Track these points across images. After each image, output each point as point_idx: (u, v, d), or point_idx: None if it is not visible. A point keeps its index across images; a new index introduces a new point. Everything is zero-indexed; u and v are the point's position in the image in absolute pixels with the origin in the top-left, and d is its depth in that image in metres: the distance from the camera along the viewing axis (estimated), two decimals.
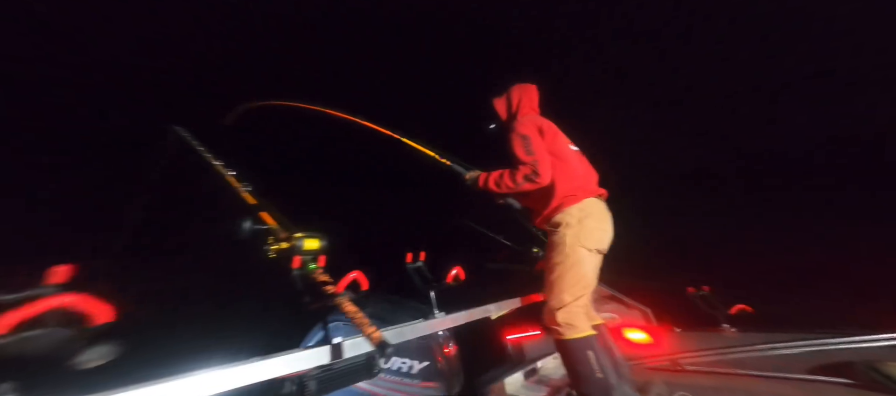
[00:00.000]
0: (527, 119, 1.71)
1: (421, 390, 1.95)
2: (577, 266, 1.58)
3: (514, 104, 1.81)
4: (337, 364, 1.08)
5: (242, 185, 1.40)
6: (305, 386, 1.00)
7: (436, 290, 1.56)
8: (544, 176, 1.55)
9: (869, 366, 1.99)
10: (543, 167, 1.55)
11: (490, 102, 1.87)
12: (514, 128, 1.65)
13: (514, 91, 1.84)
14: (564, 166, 1.65)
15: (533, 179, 1.55)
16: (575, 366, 1.56)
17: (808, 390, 1.98)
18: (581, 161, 1.79)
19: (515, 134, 1.62)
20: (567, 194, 1.61)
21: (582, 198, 1.63)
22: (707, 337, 2.48)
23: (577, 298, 1.60)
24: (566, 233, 1.59)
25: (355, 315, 1.00)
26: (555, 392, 2.10)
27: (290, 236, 1.08)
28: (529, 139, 1.59)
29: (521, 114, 1.73)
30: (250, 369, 0.93)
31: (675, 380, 2.10)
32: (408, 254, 1.59)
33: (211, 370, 0.85)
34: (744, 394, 1.92)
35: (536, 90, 1.86)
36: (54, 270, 0.64)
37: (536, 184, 1.56)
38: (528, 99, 1.83)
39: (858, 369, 2.00)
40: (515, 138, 1.61)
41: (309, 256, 1.10)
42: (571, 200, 1.61)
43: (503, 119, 1.85)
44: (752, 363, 2.24)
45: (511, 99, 1.82)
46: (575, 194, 1.62)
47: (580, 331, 1.56)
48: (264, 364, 0.97)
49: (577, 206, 1.61)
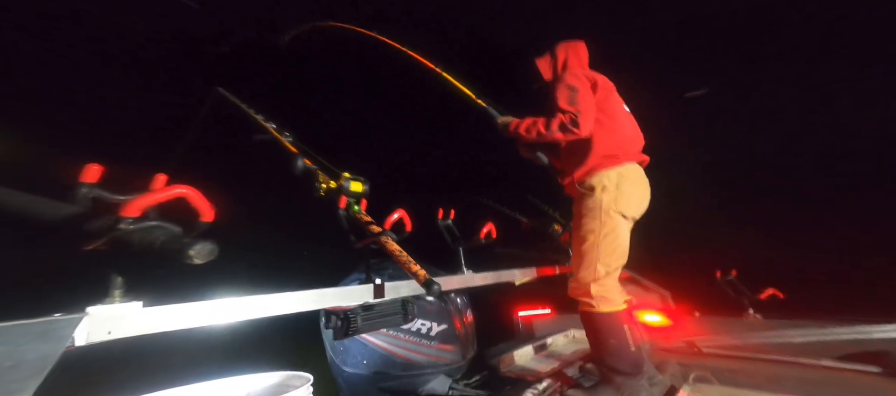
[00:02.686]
0: (581, 72, 1.61)
1: (438, 351, 2.01)
2: (613, 233, 1.50)
3: (560, 63, 1.68)
4: (378, 304, 1.12)
5: (284, 135, 1.44)
6: (349, 321, 1.05)
7: (464, 247, 1.59)
8: (584, 128, 1.44)
9: None
10: (585, 119, 1.43)
11: (532, 61, 1.76)
12: (563, 78, 1.55)
13: (560, 49, 1.70)
14: (612, 124, 1.56)
15: (570, 129, 1.44)
16: (607, 339, 1.48)
17: (835, 377, 1.87)
18: (631, 124, 1.67)
19: (563, 84, 1.51)
20: (607, 155, 1.52)
21: (623, 161, 1.54)
22: (729, 322, 2.40)
23: (613, 270, 1.52)
24: (602, 197, 1.50)
25: (400, 255, 1.04)
26: (565, 365, 2.11)
27: (339, 177, 1.12)
28: (577, 91, 1.48)
29: (569, 72, 1.60)
30: (302, 297, 0.98)
31: (691, 362, 2.06)
32: (439, 210, 1.61)
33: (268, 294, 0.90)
34: (765, 379, 1.80)
35: (585, 47, 1.74)
36: (158, 175, 0.69)
37: (574, 135, 1.45)
38: (576, 56, 1.70)
39: (892, 357, 1.88)
40: (561, 88, 1.50)
41: (353, 198, 1.14)
42: (611, 161, 1.52)
43: (548, 80, 1.71)
44: (776, 348, 2.16)
45: (556, 57, 1.70)
46: (616, 156, 1.53)
47: (614, 305, 1.50)
48: (313, 294, 1.01)
49: (615, 169, 1.51)
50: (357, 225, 1.10)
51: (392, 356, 1.98)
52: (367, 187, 1.17)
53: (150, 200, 0.64)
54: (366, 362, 2.03)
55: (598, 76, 1.65)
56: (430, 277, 1.00)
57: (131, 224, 0.63)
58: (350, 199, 1.13)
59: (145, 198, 0.64)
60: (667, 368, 1.82)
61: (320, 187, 1.13)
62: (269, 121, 1.48)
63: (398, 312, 1.19)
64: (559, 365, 2.15)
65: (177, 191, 0.66)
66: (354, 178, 1.15)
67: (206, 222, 0.69)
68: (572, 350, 2.50)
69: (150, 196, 0.64)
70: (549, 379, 1.76)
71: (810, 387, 1.70)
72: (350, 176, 1.13)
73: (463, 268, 1.58)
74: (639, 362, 1.48)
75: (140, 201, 0.63)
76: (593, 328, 1.54)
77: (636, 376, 1.47)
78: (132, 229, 0.63)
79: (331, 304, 1.03)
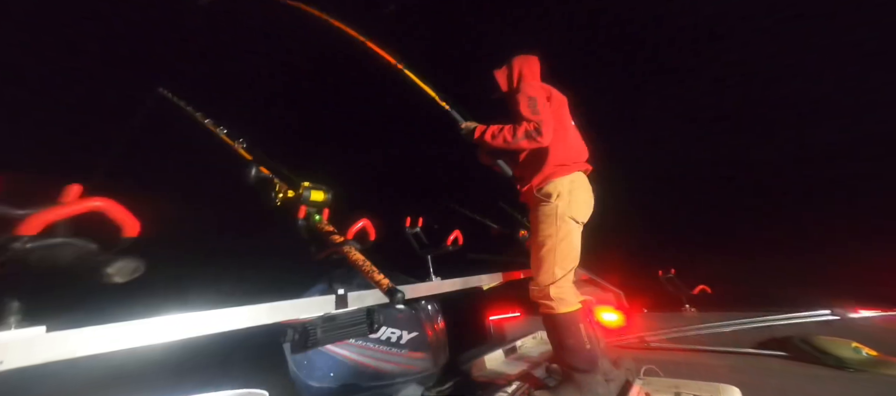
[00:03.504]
0: (535, 83, 1.70)
1: (409, 359, 1.98)
2: (568, 238, 1.60)
3: (516, 75, 1.77)
4: (341, 314, 1.09)
5: (237, 142, 1.36)
6: (308, 333, 1.00)
7: (432, 255, 1.59)
8: (546, 136, 1.52)
9: (801, 340, 2.29)
10: (547, 128, 1.52)
11: (491, 73, 1.83)
12: (523, 89, 1.62)
13: (516, 62, 1.80)
14: (564, 134, 1.67)
15: (534, 136, 1.51)
16: (565, 340, 1.56)
17: (752, 362, 2.24)
18: (577, 136, 1.80)
19: (523, 95, 1.59)
20: (559, 164, 1.62)
21: (573, 170, 1.66)
22: (670, 317, 2.73)
23: (568, 271, 1.61)
24: (558, 204, 1.59)
25: (364, 264, 1.02)
26: (533, 367, 2.20)
27: (299, 186, 1.07)
28: (536, 100, 1.56)
29: (525, 83, 1.68)
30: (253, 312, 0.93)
31: (642, 357, 2.27)
32: (407, 218, 1.60)
33: (214, 310, 0.84)
34: (701, 367, 2.12)
35: (538, 61, 1.84)
36: (70, 186, 0.61)
37: (537, 143, 1.53)
38: (530, 70, 1.79)
39: (793, 343, 2.29)
40: (522, 99, 1.57)
41: (314, 207, 1.10)
42: (564, 169, 1.63)
43: (505, 91, 1.80)
44: (708, 339, 2.51)
45: (513, 69, 1.78)
46: (567, 165, 1.64)
47: (571, 305, 1.58)
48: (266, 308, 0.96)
49: (567, 177, 1.63)
50: (318, 235, 1.06)
51: (361, 366, 1.91)
52: (330, 195, 1.14)
53: (55, 215, 0.57)
54: (333, 374, 1.94)
55: (552, 89, 1.76)
56: (393, 285, 0.98)
57: (28, 243, 0.55)
58: (310, 209, 1.09)
59: (49, 213, 0.56)
60: (622, 363, 1.95)
61: (277, 196, 1.08)
62: (219, 125, 1.40)
63: (362, 321, 1.16)
64: (528, 367, 2.22)
65: (90, 204, 0.59)
66: (316, 186, 1.11)
67: (129, 237, 0.62)
68: (540, 352, 2.58)
69: (55, 210, 0.57)
70: (518, 381, 1.81)
71: (736, 374, 2.00)
72: (310, 185, 1.09)
73: (431, 275, 1.57)
74: (593, 358, 1.55)
75: (41, 217, 0.55)
76: (553, 328, 1.61)
77: (592, 372, 1.54)
78: (30, 248, 0.55)
79: (288, 317, 0.98)
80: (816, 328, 2.32)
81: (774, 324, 2.40)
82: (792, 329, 2.36)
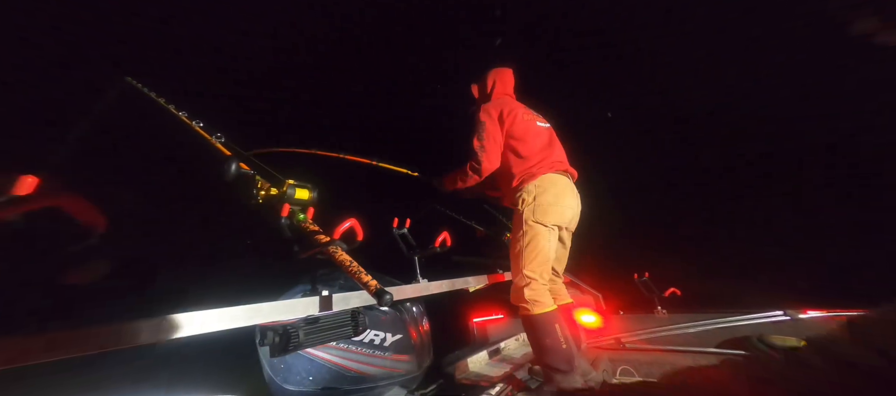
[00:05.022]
0: (491, 104, 1.79)
1: (392, 362, 1.95)
2: (534, 241, 1.66)
3: (488, 87, 1.88)
4: (324, 316, 1.06)
5: (216, 136, 1.29)
6: (289, 336, 0.97)
7: (419, 256, 1.58)
8: (485, 168, 1.68)
9: (758, 339, 2.48)
10: (486, 158, 1.67)
11: (469, 86, 1.95)
12: (474, 113, 1.75)
13: (490, 75, 1.91)
14: (523, 145, 1.74)
15: (476, 170, 1.68)
16: (542, 339, 1.60)
17: (714, 361, 2.38)
18: (544, 138, 1.83)
19: (475, 121, 1.73)
20: (525, 172, 1.71)
21: (539, 175, 1.71)
22: (644, 319, 2.88)
23: (539, 273, 1.67)
24: (523, 210, 1.68)
25: (351, 265, 0.99)
26: (516, 369, 2.24)
27: (282, 183, 1.03)
28: (484, 125, 1.69)
29: (494, 96, 1.81)
30: (232, 314, 0.88)
31: (618, 357, 2.40)
32: (395, 219, 1.58)
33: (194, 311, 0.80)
34: (670, 367, 2.24)
35: (512, 73, 1.94)
36: (24, 179, 0.56)
37: (479, 175, 1.69)
38: (502, 82, 1.90)
39: (751, 342, 2.46)
40: (473, 126, 1.72)
41: (299, 206, 1.06)
42: (530, 177, 1.71)
43: (477, 99, 1.93)
44: (677, 339, 2.67)
45: (486, 82, 1.90)
46: (533, 172, 1.71)
47: (546, 307, 1.64)
48: (246, 309, 0.92)
49: (533, 183, 1.70)
50: (302, 235, 1.03)
51: (343, 369, 1.86)
52: (315, 194, 1.10)
53: (17, 209, 0.52)
54: (312, 378, 1.88)
55: (505, 104, 1.82)
56: (381, 287, 0.96)
57: None
58: (295, 207, 1.05)
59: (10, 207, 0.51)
60: (600, 364, 2.03)
61: (258, 194, 1.03)
62: (194, 118, 1.32)
63: (347, 324, 1.14)
64: (511, 369, 2.26)
65: (54, 201, 0.54)
66: (300, 184, 1.07)
67: (95, 232, 0.58)
68: (522, 353, 2.62)
69: (18, 204, 0.52)
70: (501, 383, 1.83)
71: (702, 373, 2.11)
72: (295, 182, 1.05)
73: (418, 277, 1.56)
74: (570, 358, 1.59)
75: None
76: (531, 328, 1.66)
77: (571, 372, 1.58)
78: None
79: (268, 319, 0.94)
80: (771, 327, 2.52)
81: (736, 325, 2.59)
82: (750, 329, 2.54)
